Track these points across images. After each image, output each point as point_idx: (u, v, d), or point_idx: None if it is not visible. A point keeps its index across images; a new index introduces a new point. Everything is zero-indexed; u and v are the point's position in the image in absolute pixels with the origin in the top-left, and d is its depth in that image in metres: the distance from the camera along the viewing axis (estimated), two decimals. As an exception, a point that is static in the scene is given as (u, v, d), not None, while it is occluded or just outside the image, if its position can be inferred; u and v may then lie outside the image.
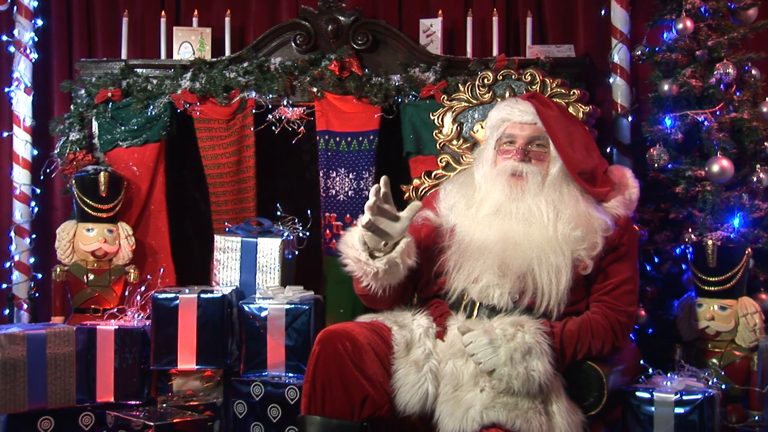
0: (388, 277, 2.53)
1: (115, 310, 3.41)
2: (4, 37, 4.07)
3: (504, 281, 2.50)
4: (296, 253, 3.56)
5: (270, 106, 3.79)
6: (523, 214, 2.56)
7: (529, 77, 3.29)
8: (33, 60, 4.04)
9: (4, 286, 4.01)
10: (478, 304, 2.55)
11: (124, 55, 3.93)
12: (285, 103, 3.78)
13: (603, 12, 3.86)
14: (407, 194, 3.39)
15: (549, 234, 2.53)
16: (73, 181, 3.64)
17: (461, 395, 2.37)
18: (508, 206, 2.58)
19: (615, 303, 2.58)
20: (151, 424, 2.88)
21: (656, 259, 3.52)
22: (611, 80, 3.83)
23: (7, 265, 4.04)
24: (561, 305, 2.50)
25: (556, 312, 2.50)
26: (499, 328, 2.38)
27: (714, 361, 3.12)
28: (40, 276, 4.04)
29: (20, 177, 4.02)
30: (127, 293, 3.58)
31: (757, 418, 3.01)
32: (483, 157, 2.74)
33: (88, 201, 3.61)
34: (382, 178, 2.45)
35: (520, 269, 2.50)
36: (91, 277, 3.62)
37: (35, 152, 4.04)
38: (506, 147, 2.68)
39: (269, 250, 3.43)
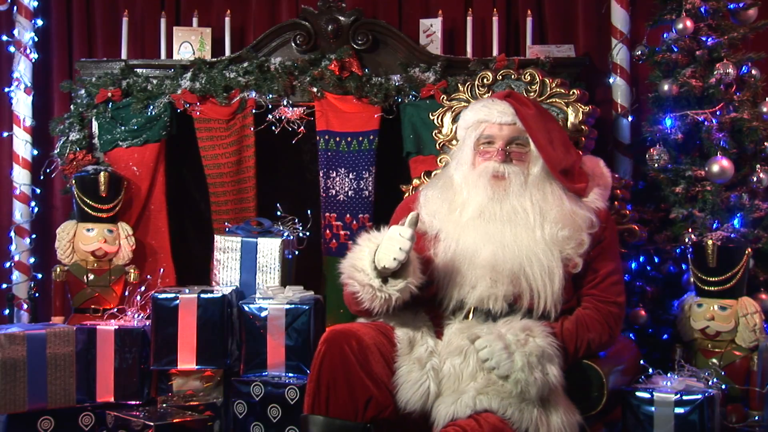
0: (397, 300, 2.48)
1: (115, 310, 3.41)
2: (4, 37, 4.08)
3: (498, 286, 2.49)
4: (296, 253, 3.56)
5: (270, 106, 3.79)
6: (507, 215, 2.55)
7: (529, 77, 3.28)
8: (33, 60, 4.04)
9: (4, 286, 4.01)
10: (473, 309, 2.54)
11: (124, 55, 3.93)
12: (285, 103, 3.78)
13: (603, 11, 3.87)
14: (407, 194, 3.39)
15: (536, 235, 2.52)
16: (73, 181, 3.64)
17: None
18: (491, 208, 2.57)
19: (604, 295, 2.60)
20: (151, 424, 2.88)
21: (656, 259, 3.52)
22: (611, 80, 3.83)
23: (7, 265, 4.04)
24: (558, 305, 2.50)
25: (554, 313, 2.50)
26: (510, 334, 2.38)
27: (714, 361, 3.12)
28: (40, 276, 4.04)
29: (20, 177, 4.02)
30: (127, 293, 3.58)
31: (757, 418, 3.00)
32: (461, 158, 2.71)
33: (88, 201, 3.61)
34: (411, 216, 2.43)
35: (512, 272, 2.49)
36: (91, 277, 3.62)
37: (35, 152, 4.05)
38: (485, 148, 2.65)
39: (269, 250, 3.43)
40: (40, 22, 4.09)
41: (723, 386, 2.88)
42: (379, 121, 3.72)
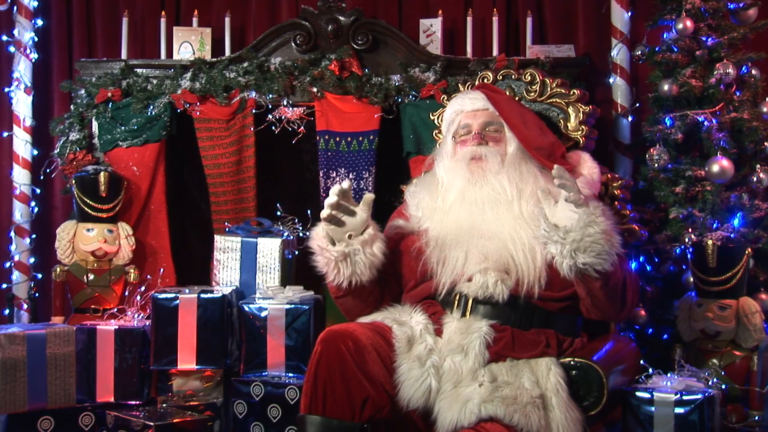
0: (353, 266, 2.54)
1: (115, 310, 3.41)
2: (4, 37, 4.08)
3: (488, 267, 2.52)
4: (296, 253, 3.56)
5: (270, 106, 3.79)
6: (488, 194, 2.60)
7: (529, 77, 3.28)
8: (33, 60, 4.04)
9: (4, 286, 4.01)
10: (471, 300, 2.55)
11: (124, 55, 3.93)
12: (285, 103, 3.78)
13: (603, 11, 3.87)
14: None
15: (515, 212, 2.57)
16: (73, 181, 3.64)
17: (461, 391, 2.37)
18: (471, 190, 2.62)
19: None
20: (151, 424, 2.88)
21: (656, 259, 3.52)
22: (611, 80, 3.83)
23: (7, 265, 4.04)
24: (541, 282, 2.50)
25: (537, 289, 2.50)
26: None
27: (714, 361, 3.12)
28: (40, 276, 4.04)
29: (20, 177, 4.02)
30: (127, 293, 3.58)
31: (757, 418, 3.00)
32: (443, 152, 2.80)
33: (88, 201, 3.61)
34: (345, 182, 2.49)
35: (498, 252, 2.52)
36: (91, 277, 3.62)
37: (35, 152, 4.05)
38: (463, 137, 2.73)
39: (269, 250, 3.43)
40: (40, 22, 4.08)
41: (723, 386, 2.87)
42: (379, 121, 3.72)
